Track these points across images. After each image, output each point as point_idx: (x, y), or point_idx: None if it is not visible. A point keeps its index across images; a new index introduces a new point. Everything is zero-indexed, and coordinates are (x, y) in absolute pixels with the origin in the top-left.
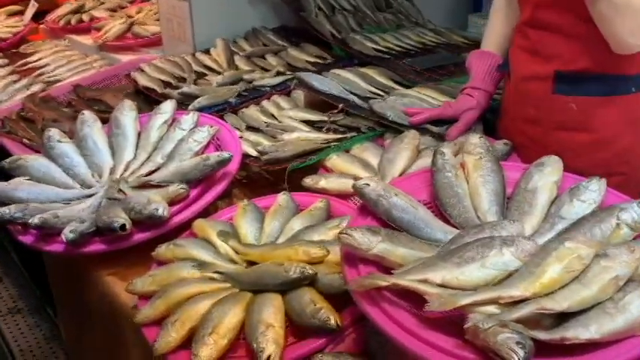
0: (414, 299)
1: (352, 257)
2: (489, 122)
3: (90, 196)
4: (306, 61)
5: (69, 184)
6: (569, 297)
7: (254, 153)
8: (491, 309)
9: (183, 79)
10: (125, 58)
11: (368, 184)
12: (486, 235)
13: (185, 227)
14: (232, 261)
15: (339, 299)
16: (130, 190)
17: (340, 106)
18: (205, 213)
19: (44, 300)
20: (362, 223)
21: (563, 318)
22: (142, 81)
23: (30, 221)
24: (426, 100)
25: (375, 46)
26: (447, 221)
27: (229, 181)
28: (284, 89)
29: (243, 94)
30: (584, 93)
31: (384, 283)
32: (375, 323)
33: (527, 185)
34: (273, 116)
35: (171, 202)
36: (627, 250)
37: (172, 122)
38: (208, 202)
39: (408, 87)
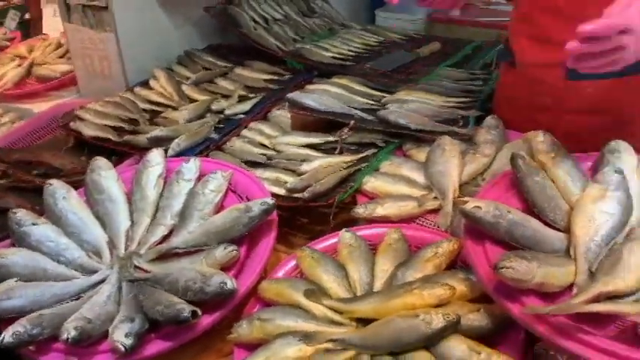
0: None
1: (506, 287)
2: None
3: (99, 282)
4: (264, 80)
5: (66, 274)
6: None
7: (282, 192)
8: None
9: (134, 122)
10: (36, 106)
11: (479, 207)
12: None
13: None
14: (336, 323)
15: (483, 339)
16: (151, 265)
17: (351, 123)
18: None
19: None
20: (479, 249)
21: None
22: (88, 131)
23: (65, 336)
24: (426, 102)
25: (330, 54)
26: (549, 226)
27: (277, 230)
28: (257, 114)
29: (218, 126)
30: (600, 76)
31: (584, 309)
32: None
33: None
34: (263, 145)
35: (222, 269)
36: None
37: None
38: (267, 260)
39: (385, 91)
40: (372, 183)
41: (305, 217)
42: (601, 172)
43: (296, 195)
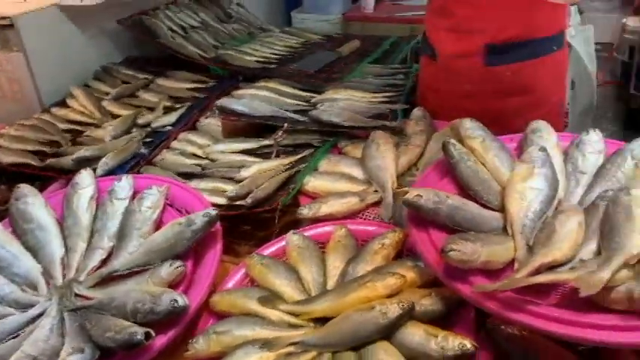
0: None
1: (454, 269)
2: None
3: (38, 316)
4: (188, 89)
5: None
6: None
7: (222, 201)
8: (624, 273)
9: (55, 144)
10: None
11: (420, 196)
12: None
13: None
14: (294, 326)
15: (437, 321)
16: (94, 291)
17: (285, 125)
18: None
19: None
20: (424, 236)
21: None
22: (5, 158)
23: None
24: (354, 100)
25: (254, 58)
26: (485, 207)
27: (222, 241)
28: (186, 124)
29: (146, 140)
30: (516, 59)
31: (528, 282)
32: (543, 331)
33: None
34: (195, 156)
35: (170, 287)
36: None
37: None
38: (216, 272)
39: (313, 91)
40: (312, 183)
41: (247, 225)
42: (526, 152)
43: (238, 202)
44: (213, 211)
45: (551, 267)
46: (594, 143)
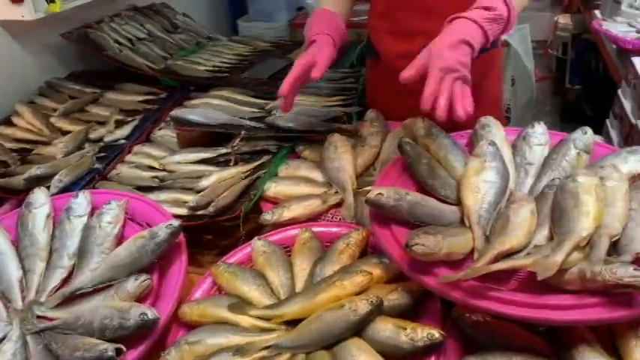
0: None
1: (418, 263)
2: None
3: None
4: (139, 101)
5: None
6: (616, 219)
7: (183, 212)
8: (576, 255)
9: (3, 164)
10: None
11: (381, 194)
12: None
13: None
14: (266, 330)
15: (405, 314)
16: (57, 312)
17: (242, 132)
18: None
19: None
20: (387, 233)
21: None
22: None
23: None
24: (309, 104)
25: (204, 68)
26: (442, 201)
27: (187, 251)
28: (139, 137)
29: (100, 155)
30: None
31: (489, 269)
32: (505, 315)
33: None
34: (152, 168)
35: (137, 301)
36: (612, 168)
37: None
38: (183, 282)
39: (267, 98)
40: (273, 188)
41: (209, 234)
42: (478, 147)
43: (200, 212)
44: (175, 222)
45: (509, 254)
46: (539, 135)
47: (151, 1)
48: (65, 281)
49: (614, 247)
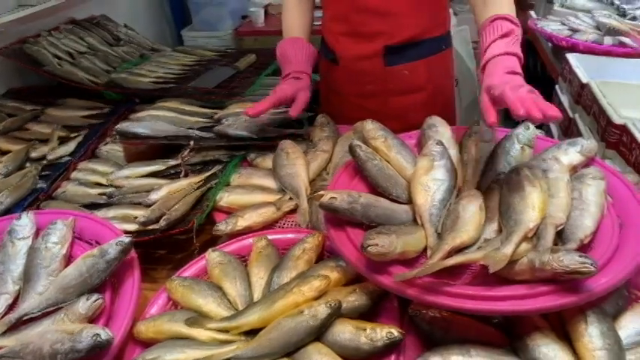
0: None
1: (374, 263)
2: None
3: None
4: (82, 117)
5: None
6: (560, 208)
7: (134, 227)
8: (524, 246)
9: None
10: None
11: (335, 197)
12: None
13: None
14: (226, 342)
15: (364, 315)
16: (3, 340)
17: (191, 143)
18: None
19: None
20: (342, 235)
21: None
22: None
23: None
24: None
25: (149, 80)
26: (394, 202)
27: (139, 267)
28: (84, 153)
29: (43, 174)
30: (412, 59)
31: (442, 265)
32: (459, 309)
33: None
34: (99, 185)
35: (89, 322)
36: (554, 161)
37: None
38: (137, 300)
39: (216, 107)
40: (226, 198)
41: (162, 249)
42: (426, 146)
43: (151, 227)
44: (126, 239)
45: (461, 249)
46: (484, 132)
47: (91, 14)
48: (11, 307)
49: (560, 236)
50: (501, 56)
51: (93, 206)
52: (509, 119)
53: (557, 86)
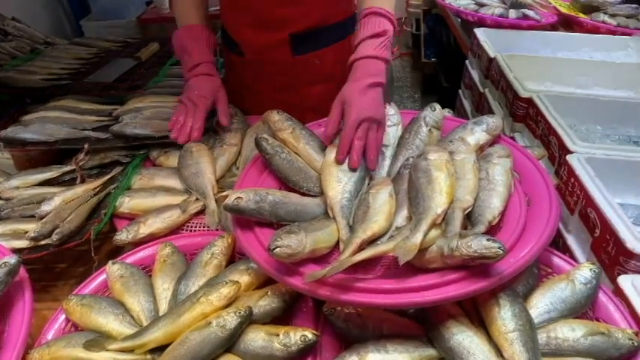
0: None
1: (284, 265)
2: None
3: None
4: None
5: None
6: (467, 191)
7: (24, 244)
8: (433, 233)
9: None
10: None
11: (241, 198)
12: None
13: None
14: None
15: (279, 319)
16: None
17: (86, 146)
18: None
19: None
20: (251, 237)
21: None
22: None
23: None
24: (161, 106)
25: (40, 77)
26: (306, 195)
27: (31, 288)
28: None
29: None
30: (320, 46)
31: (352, 261)
32: (372, 305)
33: None
34: None
35: None
36: (460, 142)
37: None
38: (28, 325)
39: (116, 103)
40: (127, 204)
41: (62, 262)
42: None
43: (44, 242)
44: (12, 259)
45: (373, 240)
46: (391, 117)
47: None
48: None
49: (469, 219)
50: (370, 59)
51: None
52: (427, 94)
53: (467, 61)
